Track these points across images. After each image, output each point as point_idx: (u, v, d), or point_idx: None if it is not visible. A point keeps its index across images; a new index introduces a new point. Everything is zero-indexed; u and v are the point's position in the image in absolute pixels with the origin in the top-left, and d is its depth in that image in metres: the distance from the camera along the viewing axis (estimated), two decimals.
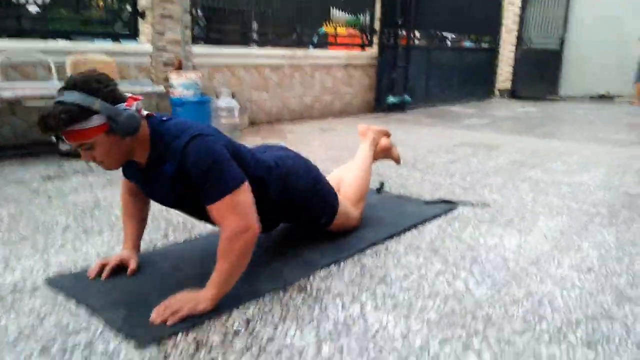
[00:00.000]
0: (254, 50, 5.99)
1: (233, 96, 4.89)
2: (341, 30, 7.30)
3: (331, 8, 7.21)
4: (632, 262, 1.94)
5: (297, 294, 1.65)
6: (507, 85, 10.66)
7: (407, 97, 7.44)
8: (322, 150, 4.14)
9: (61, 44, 4.32)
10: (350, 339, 1.39)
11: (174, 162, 1.49)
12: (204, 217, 1.66)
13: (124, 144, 1.48)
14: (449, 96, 8.72)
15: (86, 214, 2.41)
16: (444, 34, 9.18)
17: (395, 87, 7.39)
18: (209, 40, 5.58)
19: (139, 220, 1.83)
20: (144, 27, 4.82)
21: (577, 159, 3.94)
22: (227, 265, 1.49)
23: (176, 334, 1.39)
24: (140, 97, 1.50)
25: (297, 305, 1.57)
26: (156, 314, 1.45)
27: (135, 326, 1.41)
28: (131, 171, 1.69)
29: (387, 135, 2.52)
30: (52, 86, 3.68)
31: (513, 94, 10.39)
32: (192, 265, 1.84)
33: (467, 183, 3.12)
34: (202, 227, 2.21)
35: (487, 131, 5.50)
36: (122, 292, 1.61)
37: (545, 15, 10.47)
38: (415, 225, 2.29)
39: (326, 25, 7.04)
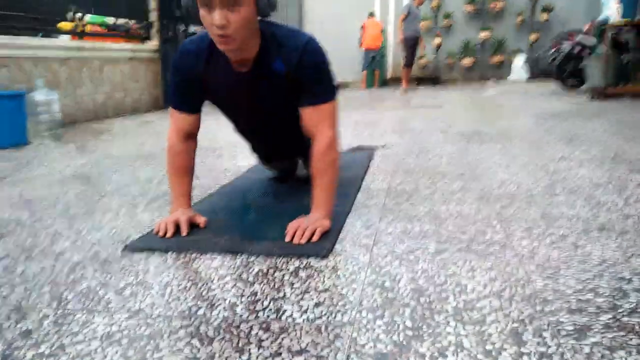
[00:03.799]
0: (42, 41, 5.19)
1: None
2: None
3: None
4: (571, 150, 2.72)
5: (365, 205, 1.84)
6: None
7: None
8: None
9: None
10: (455, 221, 1.70)
11: (287, 59, 1.53)
12: (284, 135, 1.81)
13: (254, 24, 1.47)
14: None
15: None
16: None
17: None
18: None
19: (190, 174, 1.71)
20: None
21: (417, 117, 4.85)
22: (328, 179, 1.59)
23: (333, 246, 1.46)
24: None
25: (389, 206, 1.78)
26: (297, 237, 1.47)
27: (292, 247, 1.42)
28: (215, 81, 1.61)
29: None
30: None
31: None
32: (243, 205, 1.83)
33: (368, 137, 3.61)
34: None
35: None
36: (231, 232, 1.55)
37: (282, 16, 11.74)
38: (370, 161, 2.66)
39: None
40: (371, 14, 10.84)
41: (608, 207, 1.77)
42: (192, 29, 8.07)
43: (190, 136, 1.68)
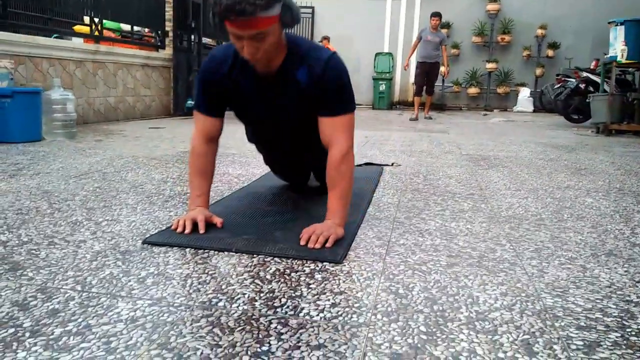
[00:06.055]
0: (59, 42, 5.29)
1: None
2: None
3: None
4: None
5: (376, 217, 1.88)
6: None
7: None
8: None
9: None
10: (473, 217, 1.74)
11: (311, 70, 1.58)
12: (298, 145, 1.83)
13: (281, 38, 1.51)
14: None
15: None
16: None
17: (192, 91, 7.45)
18: (5, 26, 4.69)
19: (210, 176, 1.75)
20: None
21: (424, 140, 4.91)
22: (342, 188, 1.63)
23: (347, 253, 1.50)
24: None
25: (400, 220, 1.81)
26: (311, 242, 1.51)
27: (307, 251, 1.46)
28: (239, 85, 1.65)
29: None
30: None
31: None
32: (257, 210, 1.86)
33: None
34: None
35: None
36: (247, 233, 1.58)
37: (295, 32, 11.92)
38: (380, 177, 2.71)
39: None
40: (327, 38, 10.69)
41: (615, 234, 1.81)
42: (205, 40, 8.21)
43: (213, 139, 1.73)
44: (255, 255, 1.44)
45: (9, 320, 1.02)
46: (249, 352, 0.94)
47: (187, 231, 1.58)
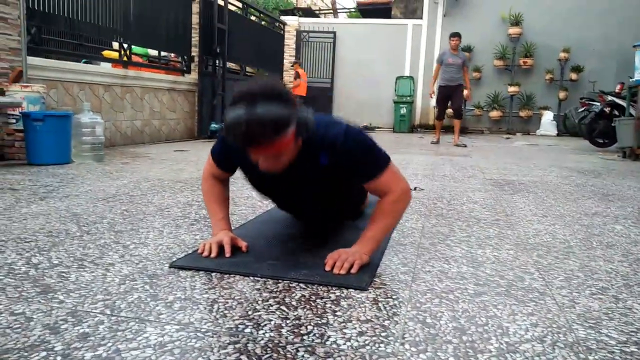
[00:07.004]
0: (89, 67, 5.46)
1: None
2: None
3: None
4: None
5: (401, 243, 1.87)
6: None
7: None
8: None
9: None
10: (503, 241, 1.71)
11: (331, 152, 1.52)
12: (322, 208, 1.80)
13: (298, 145, 1.47)
14: None
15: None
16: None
17: (215, 114, 7.57)
18: (39, 51, 4.87)
19: (227, 201, 1.78)
20: None
21: (447, 164, 4.90)
22: (387, 223, 1.61)
23: (372, 280, 1.49)
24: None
25: (425, 246, 1.80)
26: (336, 267, 1.50)
27: (332, 277, 1.46)
28: (249, 169, 1.63)
29: None
30: None
31: None
32: (281, 234, 1.86)
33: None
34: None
35: None
36: (272, 258, 1.58)
37: (317, 56, 12.10)
38: None
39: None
40: (297, 63, 10.57)
41: None
42: (229, 65, 8.37)
43: (223, 179, 1.78)
44: (280, 281, 1.44)
45: (40, 343, 1.03)
46: None
47: (213, 255, 1.59)
